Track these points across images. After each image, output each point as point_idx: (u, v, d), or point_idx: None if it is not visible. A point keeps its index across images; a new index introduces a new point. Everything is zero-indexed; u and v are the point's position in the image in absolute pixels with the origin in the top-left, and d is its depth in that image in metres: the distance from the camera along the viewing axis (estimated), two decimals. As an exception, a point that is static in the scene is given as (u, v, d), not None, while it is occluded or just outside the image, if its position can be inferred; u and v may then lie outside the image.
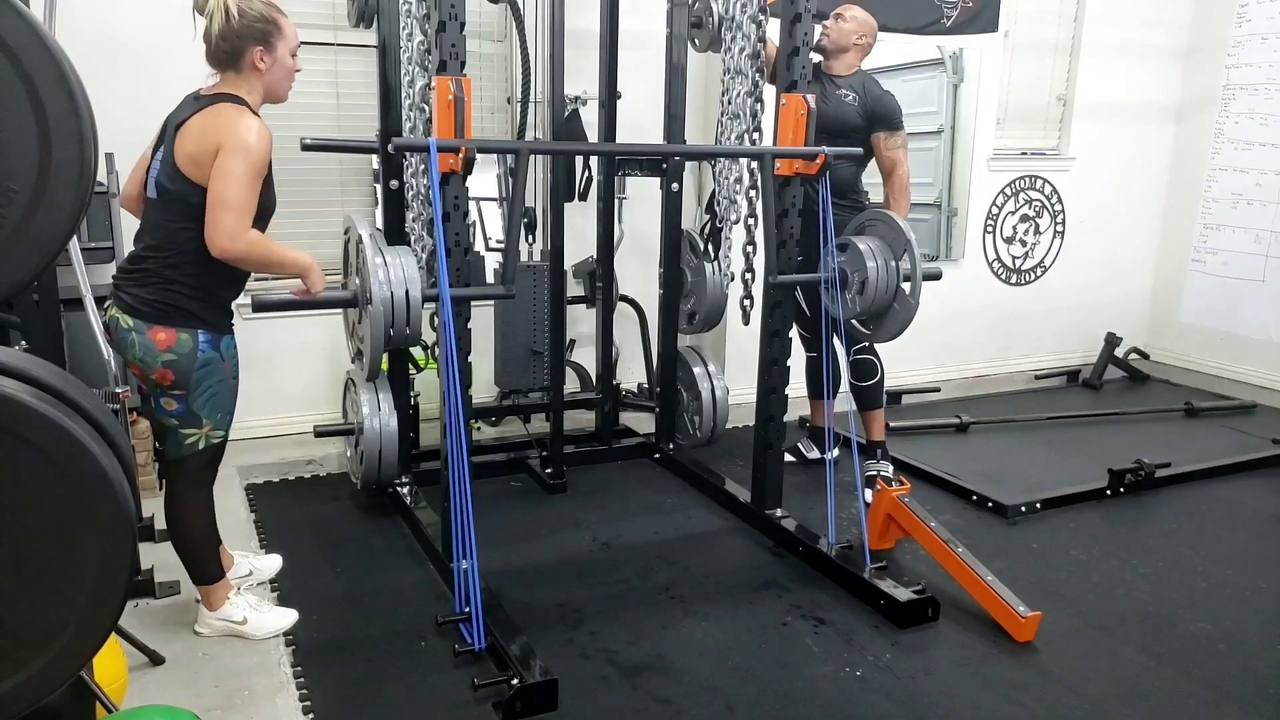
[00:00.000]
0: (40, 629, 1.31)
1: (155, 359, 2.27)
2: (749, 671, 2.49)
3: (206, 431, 2.37)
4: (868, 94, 3.51)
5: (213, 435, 2.39)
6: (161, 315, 2.26)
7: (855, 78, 3.55)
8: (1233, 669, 2.55)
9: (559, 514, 3.45)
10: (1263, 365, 5.09)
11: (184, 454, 2.38)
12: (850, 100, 3.50)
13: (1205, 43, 5.28)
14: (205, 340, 2.31)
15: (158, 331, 2.26)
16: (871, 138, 3.52)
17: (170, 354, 2.27)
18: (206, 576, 2.51)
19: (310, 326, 3.82)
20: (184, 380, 2.30)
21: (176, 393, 2.31)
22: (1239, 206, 5.15)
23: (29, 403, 1.24)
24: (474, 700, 2.29)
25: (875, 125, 3.51)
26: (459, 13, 2.47)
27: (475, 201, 3.73)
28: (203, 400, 2.34)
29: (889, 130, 3.52)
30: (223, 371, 2.36)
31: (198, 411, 2.34)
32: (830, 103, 3.48)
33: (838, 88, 3.53)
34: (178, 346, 2.27)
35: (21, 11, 1.27)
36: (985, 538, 3.31)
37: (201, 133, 2.22)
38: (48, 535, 1.28)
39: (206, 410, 2.35)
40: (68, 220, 1.35)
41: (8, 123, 1.28)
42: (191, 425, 2.35)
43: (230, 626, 2.53)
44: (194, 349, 2.29)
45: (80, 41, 2.36)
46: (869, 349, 3.64)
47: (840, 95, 3.51)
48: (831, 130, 3.44)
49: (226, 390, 2.39)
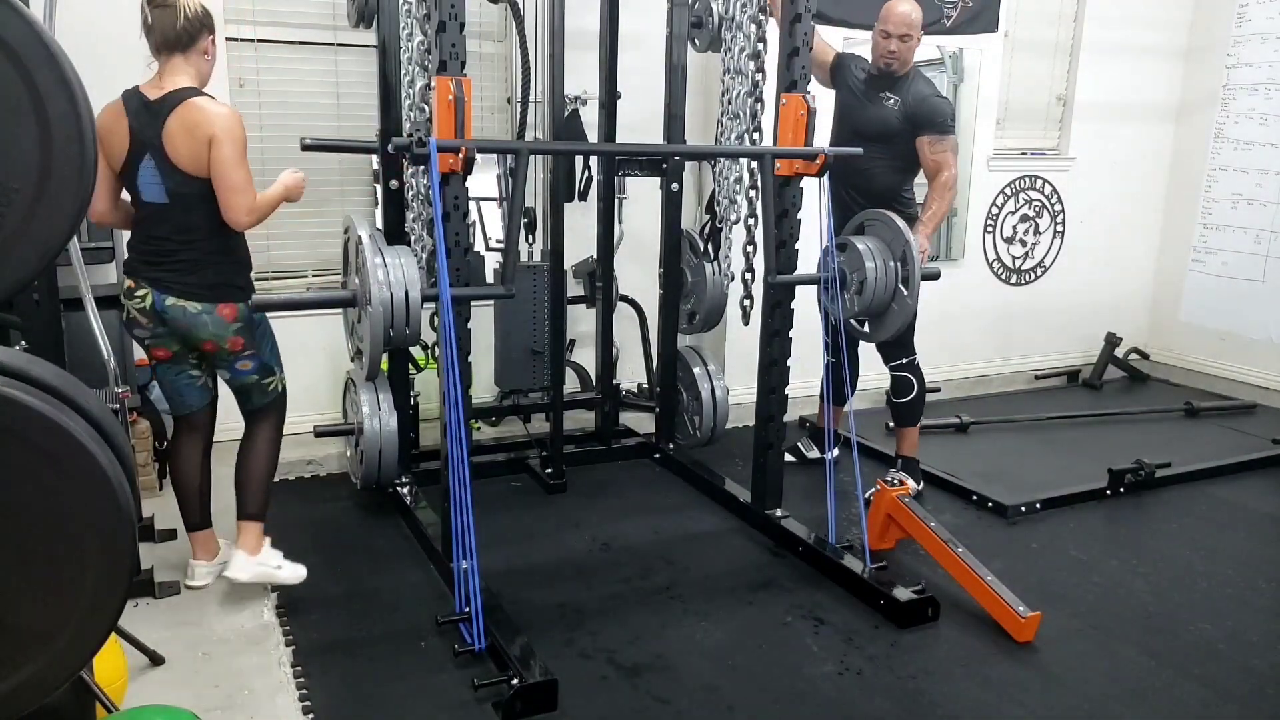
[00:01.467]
0: (40, 629, 1.31)
1: (228, 331, 2.61)
2: (749, 671, 2.49)
3: (280, 376, 2.80)
4: (911, 96, 3.39)
5: (282, 378, 2.81)
6: (222, 294, 2.59)
7: (904, 79, 3.43)
8: (1232, 669, 2.55)
9: (559, 514, 3.45)
10: (1263, 365, 5.09)
11: (269, 400, 2.78)
12: (891, 104, 3.40)
13: (1205, 43, 5.28)
14: None
15: (223, 309, 2.59)
16: (915, 141, 3.40)
17: (237, 323, 2.62)
18: (263, 513, 2.79)
19: (310, 326, 3.82)
20: (250, 341, 2.67)
21: (248, 353, 2.68)
22: (1239, 206, 5.15)
23: (29, 403, 1.24)
24: (474, 700, 2.29)
25: (919, 129, 3.38)
26: (459, 13, 2.47)
27: (475, 201, 3.73)
28: (268, 350, 2.75)
29: (936, 134, 3.38)
30: (266, 322, 2.77)
31: (268, 361, 2.75)
32: (868, 107, 3.43)
33: (883, 90, 3.43)
34: (240, 316, 2.62)
35: (21, 11, 1.27)
36: (985, 538, 3.31)
37: (191, 132, 2.44)
38: (48, 535, 1.28)
39: (273, 357, 2.77)
40: (68, 220, 1.35)
41: (8, 123, 1.28)
42: (269, 374, 2.76)
43: (270, 572, 2.75)
44: (249, 314, 2.65)
45: (80, 41, 2.36)
46: (909, 366, 3.57)
47: (882, 99, 3.42)
48: (869, 135, 3.38)
49: (272, 336, 2.79)
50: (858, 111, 3.48)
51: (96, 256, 3.26)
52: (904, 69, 3.40)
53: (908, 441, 3.71)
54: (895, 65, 3.37)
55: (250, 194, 2.51)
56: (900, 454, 3.72)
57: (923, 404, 3.65)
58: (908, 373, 3.58)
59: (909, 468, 3.69)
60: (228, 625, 2.62)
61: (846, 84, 3.54)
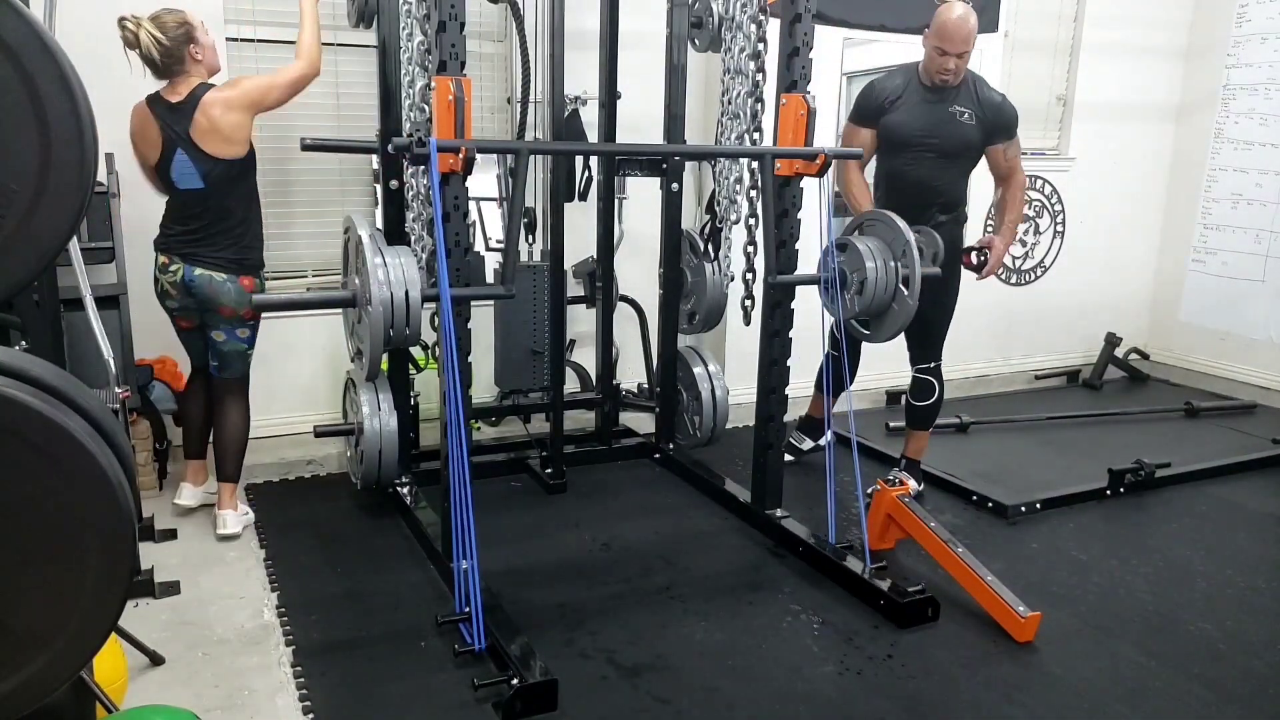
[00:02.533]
0: (40, 629, 1.31)
1: (246, 299, 3.01)
2: (749, 671, 2.49)
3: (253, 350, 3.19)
4: (984, 106, 3.30)
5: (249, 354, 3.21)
6: (245, 268, 3.03)
7: (964, 87, 3.31)
8: (1233, 669, 2.55)
9: (559, 514, 3.45)
10: (1263, 365, 5.09)
11: (244, 370, 3.17)
12: (967, 119, 3.29)
13: (1205, 43, 5.28)
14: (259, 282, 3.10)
15: (245, 280, 3.03)
16: (988, 149, 3.34)
17: (253, 294, 3.01)
18: (237, 474, 3.20)
19: (310, 326, 3.83)
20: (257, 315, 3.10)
21: (252, 323, 3.11)
22: (1239, 206, 5.15)
23: (29, 403, 1.24)
24: (474, 700, 2.29)
25: (995, 136, 3.31)
26: (459, 13, 2.47)
27: (475, 201, 3.73)
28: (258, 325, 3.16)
29: (1009, 139, 3.32)
30: None
31: (255, 335, 3.15)
32: (944, 125, 3.30)
33: (951, 104, 3.30)
34: (256, 288, 3.06)
35: (21, 11, 1.26)
36: (985, 538, 3.32)
37: (212, 120, 2.86)
38: (48, 535, 1.28)
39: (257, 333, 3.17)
40: (68, 220, 1.34)
41: (8, 123, 1.28)
42: (252, 346, 3.16)
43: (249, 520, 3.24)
44: (262, 288, 3.11)
45: (80, 41, 2.37)
46: (935, 370, 3.53)
47: (955, 114, 3.30)
48: (950, 153, 3.32)
49: None
50: (926, 129, 3.33)
51: (96, 256, 3.25)
52: (957, 82, 3.30)
53: (916, 444, 3.70)
54: (951, 80, 3.26)
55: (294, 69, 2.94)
56: (906, 455, 3.71)
57: (939, 409, 3.63)
58: (932, 376, 3.54)
59: (912, 469, 3.69)
60: (228, 625, 2.62)
61: (896, 106, 3.39)
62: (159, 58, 2.82)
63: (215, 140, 2.87)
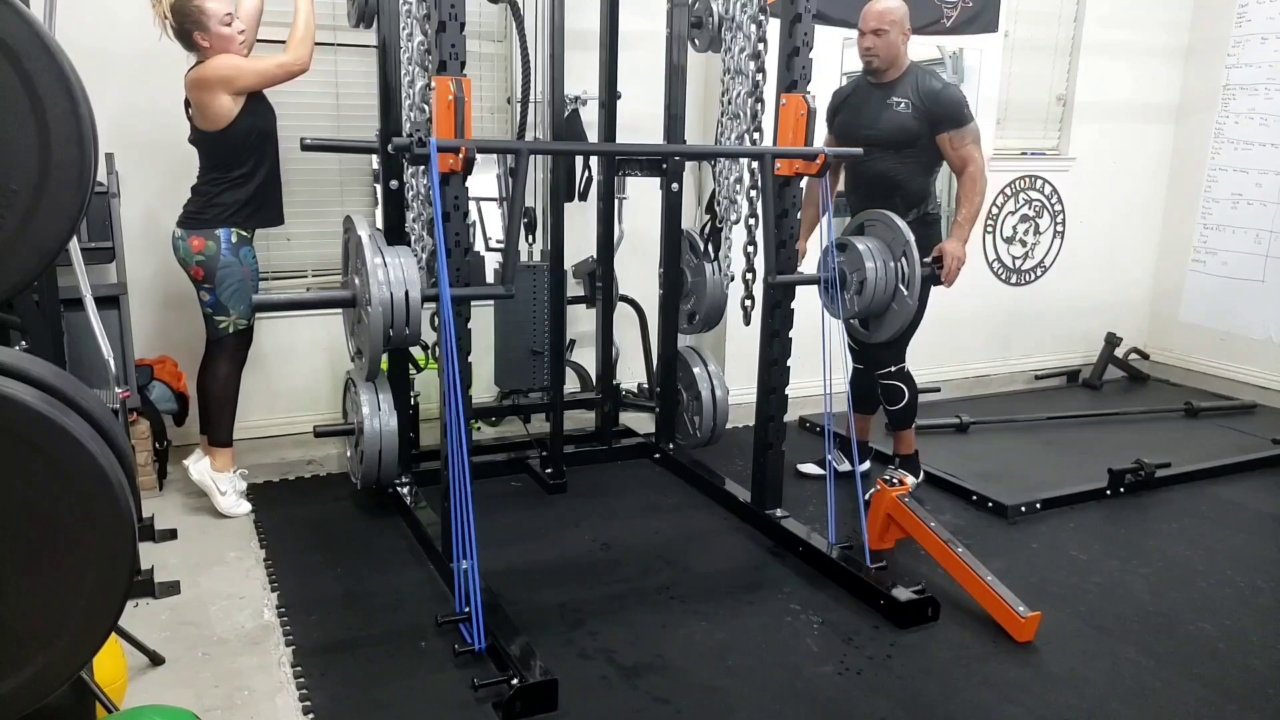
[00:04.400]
0: (40, 629, 1.31)
1: (192, 259, 3.03)
2: (749, 671, 2.49)
3: (234, 319, 3.12)
4: (922, 94, 3.28)
5: (238, 323, 3.13)
6: (195, 225, 3.02)
7: (907, 78, 3.33)
8: (1233, 669, 2.55)
9: (559, 514, 3.45)
10: (1263, 365, 5.09)
11: (219, 336, 3.15)
12: (903, 108, 3.29)
13: (1205, 43, 5.28)
14: (227, 247, 3.03)
15: (194, 239, 3.02)
16: (937, 139, 3.30)
17: (200, 255, 3.01)
18: (218, 438, 3.22)
19: (310, 326, 3.83)
20: (208, 276, 3.04)
21: (206, 286, 3.06)
22: (1239, 206, 5.15)
23: (29, 403, 1.24)
24: (474, 700, 2.29)
25: (939, 126, 3.28)
26: (459, 13, 2.47)
27: (475, 201, 3.73)
28: (228, 294, 3.06)
29: (955, 127, 3.27)
30: (234, 270, 3.05)
31: (223, 302, 3.07)
32: (884, 117, 3.31)
33: (889, 96, 3.32)
34: (206, 251, 3.01)
35: (21, 11, 1.26)
36: (985, 538, 3.32)
37: (188, 94, 3.02)
38: (48, 535, 1.28)
39: (233, 300, 3.07)
40: (68, 221, 1.34)
41: (8, 123, 1.28)
42: (221, 314, 3.09)
43: (209, 485, 3.20)
44: (215, 253, 3.02)
45: (80, 41, 2.37)
46: (898, 374, 3.50)
47: (892, 105, 3.31)
48: (896, 144, 3.30)
49: (245, 290, 3.07)
50: (866, 123, 3.37)
51: (96, 256, 3.26)
52: (888, 65, 3.31)
53: (904, 442, 3.71)
54: (875, 62, 3.30)
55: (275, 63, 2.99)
56: (899, 453, 3.72)
57: (916, 406, 3.61)
58: (897, 380, 3.51)
59: (908, 464, 3.69)
60: (228, 625, 2.62)
61: (845, 105, 3.49)
62: (174, 34, 2.97)
63: (195, 112, 3.02)
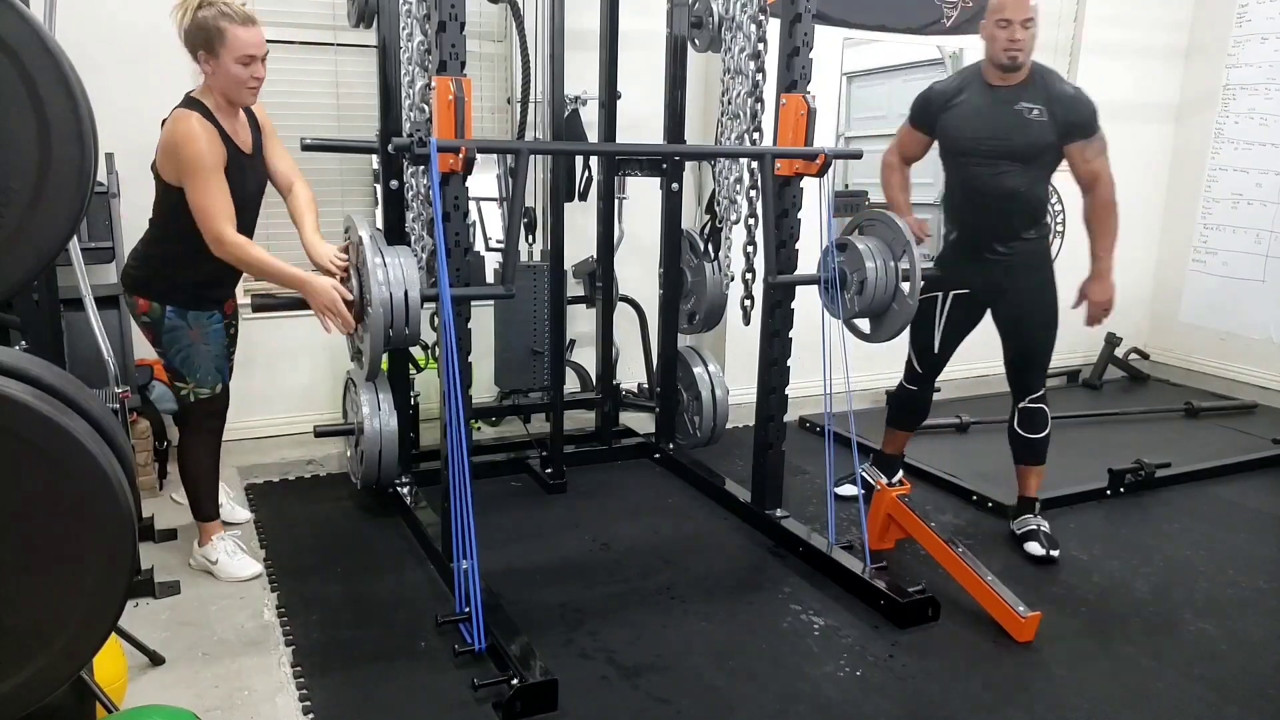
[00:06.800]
0: (40, 629, 1.31)
1: (139, 320, 2.73)
2: (749, 671, 2.49)
3: (192, 387, 2.76)
4: (1056, 100, 2.95)
5: (198, 391, 2.76)
6: (140, 289, 2.69)
7: (1034, 81, 2.98)
8: (1233, 669, 2.55)
9: (559, 514, 3.45)
10: (1263, 365, 5.09)
11: (181, 404, 2.81)
12: (1036, 115, 2.94)
13: (1205, 43, 5.28)
14: (172, 311, 2.68)
15: (140, 300, 2.69)
16: (1064, 150, 2.99)
17: (145, 318, 2.70)
18: (200, 513, 2.90)
19: (310, 327, 3.78)
20: (157, 339, 2.73)
21: (159, 349, 2.75)
22: (1239, 206, 5.15)
23: (29, 403, 1.24)
24: (474, 700, 2.29)
25: (1070, 135, 2.96)
26: (459, 13, 2.47)
27: (475, 201, 3.73)
28: (178, 359, 2.72)
29: (1086, 136, 2.96)
30: (181, 334, 2.70)
31: (177, 367, 2.74)
32: (1014, 125, 2.97)
33: (1018, 101, 2.96)
34: (151, 313, 2.69)
35: (21, 11, 1.27)
36: (985, 538, 3.31)
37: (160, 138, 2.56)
38: (48, 535, 1.28)
39: (186, 367, 2.73)
40: (68, 220, 1.34)
41: (8, 122, 1.28)
42: (178, 379, 2.76)
43: (206, 564, 2.88)
44: (161, 317, 2.68)
45: (80, 41, 2.37)
46: (1043, 399, 3.25)
47: (1024, 112, 2.96)
48: (1022, 157, 2.98)
49: (199, 354, 2.73)
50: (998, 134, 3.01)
51: (96, 256, 3.26)
52: (1027, 63, 2.97)
53: (1032, 482, 3.30)
54: (1020, 57, 2.92)
55: (215, 221, 2.48)
56: (1024, 495, 3.32)
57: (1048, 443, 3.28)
58: (1043, 404, 3.26)
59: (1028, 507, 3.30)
60: (228, 625, 2.62)
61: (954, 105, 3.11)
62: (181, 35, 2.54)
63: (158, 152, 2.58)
